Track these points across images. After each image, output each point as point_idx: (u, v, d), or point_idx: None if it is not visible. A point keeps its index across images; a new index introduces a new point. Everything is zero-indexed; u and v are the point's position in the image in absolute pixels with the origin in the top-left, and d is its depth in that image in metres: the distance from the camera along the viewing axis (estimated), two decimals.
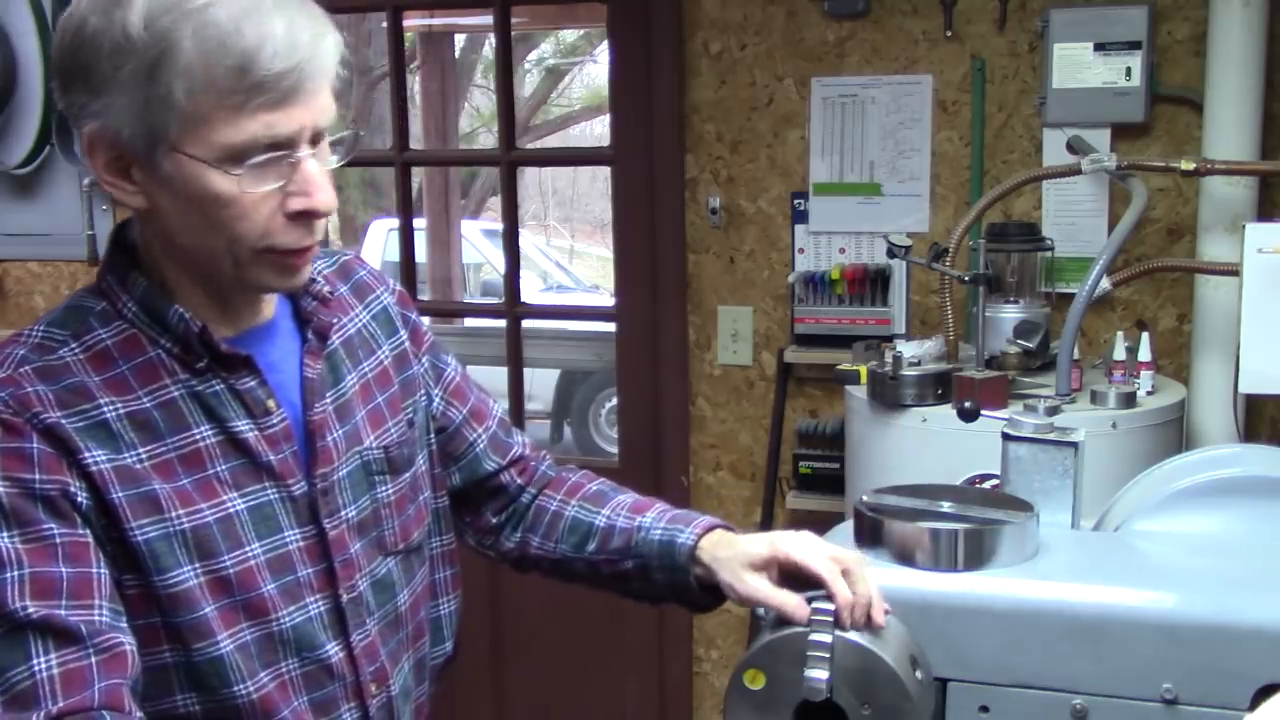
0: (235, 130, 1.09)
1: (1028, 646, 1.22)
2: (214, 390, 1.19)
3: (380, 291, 1.39)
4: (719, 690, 2.96)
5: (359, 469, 1.28)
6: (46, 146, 3.27)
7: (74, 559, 1.09)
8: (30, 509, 1.09)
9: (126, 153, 1.11)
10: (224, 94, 1.07)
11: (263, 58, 1.07)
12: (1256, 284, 2.14)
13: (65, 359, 1.15)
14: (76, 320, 1.19)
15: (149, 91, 1.07)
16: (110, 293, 1.20)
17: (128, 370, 1.17)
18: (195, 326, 1.18)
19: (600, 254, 12.75)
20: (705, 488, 2.98)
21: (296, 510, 1.23)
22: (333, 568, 1.24)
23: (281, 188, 1.12)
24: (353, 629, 1.26)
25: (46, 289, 3.42)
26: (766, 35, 2.79)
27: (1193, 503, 1.39)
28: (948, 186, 2.73)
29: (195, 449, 1.18)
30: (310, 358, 1.26)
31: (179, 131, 1.09)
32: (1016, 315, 2.40)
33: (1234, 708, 1.16)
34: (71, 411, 1.13)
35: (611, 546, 1.40)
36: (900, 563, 1.29)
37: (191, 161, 1.10)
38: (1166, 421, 2.24)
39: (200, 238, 1.14)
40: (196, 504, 1.16)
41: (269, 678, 1.20)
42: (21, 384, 1.12)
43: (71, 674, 1.06)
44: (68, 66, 1.11)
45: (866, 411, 2.34)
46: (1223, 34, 2.39)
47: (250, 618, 1.19)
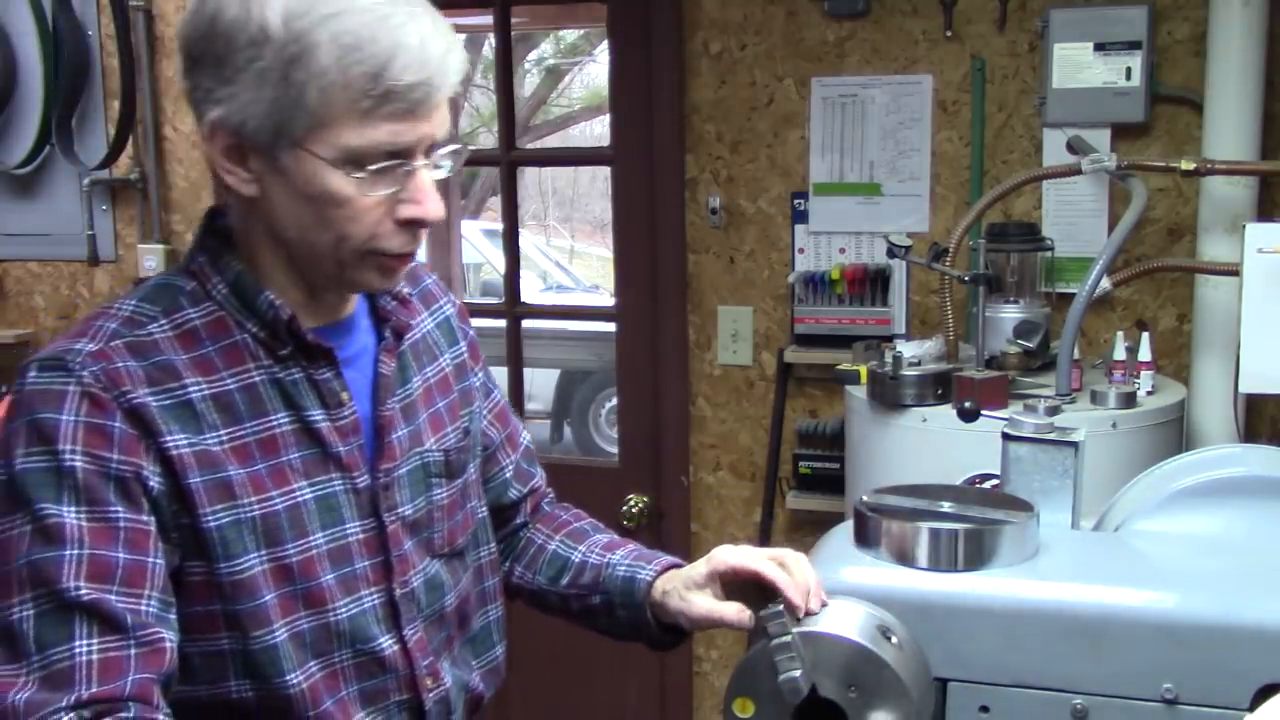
0: (360, 134, 1.11)
1: (1028, 646, 1.22)
2: (293, 378, 1.22)
3: (444, 302, 1.43)
4: (719, 690, 2.96)
5: (419, 469, 1.31)
6: (46, 146, 3.27)
7: (133, 545, 1.11)
8: (101, 488, 1.11)
9: (247, 142, 1.13)
10: (355, 99, 1.10)
11: (395, 67, 1.09)
12: (1256, 284, 2.14)
13: (154, 335, 1.18)
14: (166, 298, 1.21)
15: (281, 89, 1.10)
16: (201, 274, 1.22)
17: (214, 351, 1.19)
18: (284, 314, 1.21)
19: (600, 254, 12.74)
20: (705, 488, 2.98)
21: (359, 503, 1.25)
22: (389, 561, 1.27)
23: (394, 194, 1.15)
24: (405, 623, 1.28)
25: (46, 289, 3.42)
26: (766, 35, 2.79)
27: (1193, 503, 1.39)
28: (948, 186, 2.73)
29: (272, 434, 1.20)
30: (386, 355, 1.30)
31: (306, 130, 1.11)
32: (1016, 315, 2.40)
33: (1234, 708, 1.16)
34: (158, 390, 1.15)
35: (582, 581, 1.45)
36: (900, 563, 1.29)
37: (313, 159, 1.12)
38: (1166, 421, 2.24)
39: (307, 233, 1.17)
40: (268, 491, 1.19)
41: (318, 667, 1.22)
42: (113, 359, 1.14)
43: (109, 662, 1.07)
44: (198, 51, 1.13)
45: (866, 411, 2.34)
46: (1223, 34, 2.39)
47: (308, 607, 1.21)
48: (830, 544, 1.38)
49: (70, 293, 3.39)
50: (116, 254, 3.33)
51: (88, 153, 3.26)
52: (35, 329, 3.43)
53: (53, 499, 1.09)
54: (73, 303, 3.40)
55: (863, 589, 1.26)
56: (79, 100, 3.24)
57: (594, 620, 1.46)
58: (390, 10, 1.10)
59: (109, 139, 3.21)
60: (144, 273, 3.24)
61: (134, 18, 3.16)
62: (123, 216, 3.31)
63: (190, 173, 3.24)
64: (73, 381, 1.12)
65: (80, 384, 1.12)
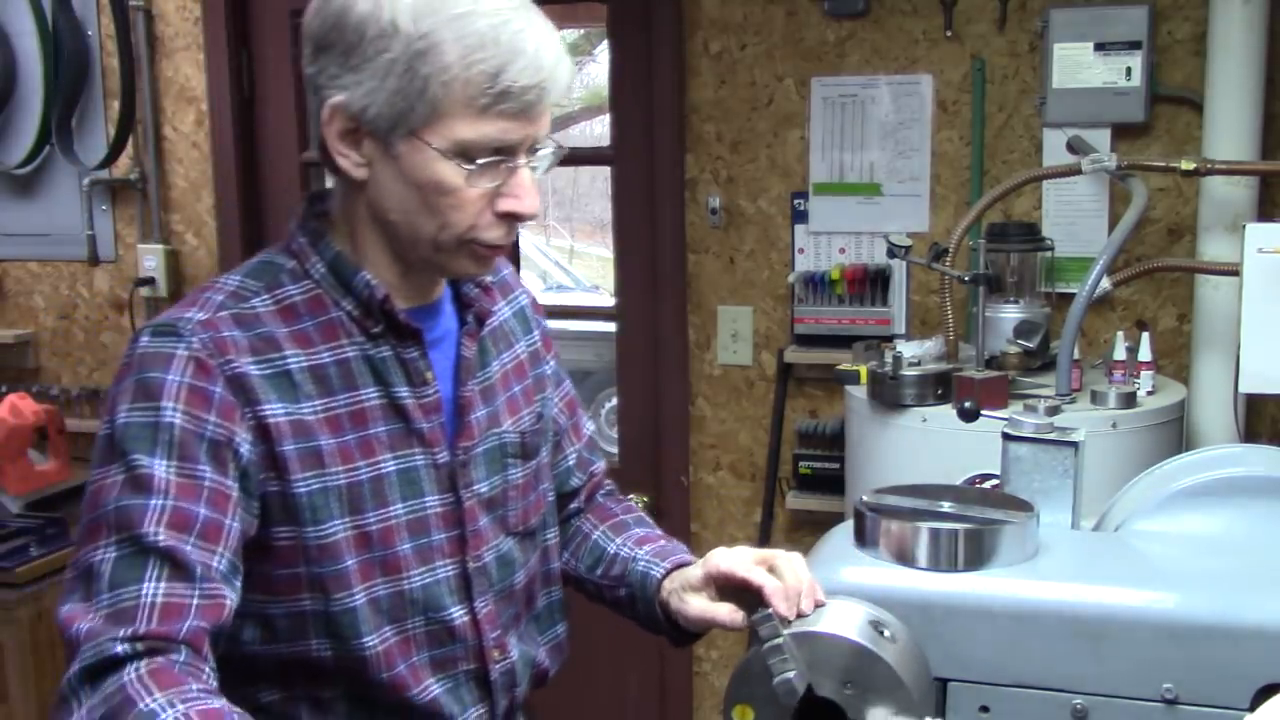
0: (473, 129, 1.19)
1: (1028, 646, 1.22)
2: (383, 356, 1.29)
3: (519, 293, 1.51)
4: (719, 690, 2.96)
5: (495, 449, 1.38)
6: (46, 146, 3.27)
7: (214, 505, 1.17)
8: (195, 447, 1.17)
9: (365, 127, 1.20)
10: (473, 96, 1.17)
11: (514, 69, 1.17)
12: (1256, 284, 2.14)
13: (257, 309, 1.25)
14: (268, 275, 1.29)
15: (405, 80, 1.17)
16: (300, 254, 1.30)
17: (311, 326, 1.27)
18: (379, 294, 1.27)
19: (600, 254, 12.73)
20: (705, 488, 2.98)
21: (438, 478, 1.32)
22: (464, 535, 1.33)
23: (496, 188, 1.22)
24: (476, 595, 1.34)
25: (46, 289, 3.42)
26: (766, 35, 2.79)
27: (1193, 503, 1.39)
28: (948, 186, 2.73)
29: (361, 408, 1.27)
30: (468, 339, 1.36)
31: (424, 120, 1.18)
32: (1016, 315, 2.40)
33: (1234, 708, 1.16)
34: (260, 359, 1.23)
35: (612, 573, 1.50)
36: (900, 563, 1.29)
37: (427, 149, 1.19)
38: (1166, 421, 2.24)
39: (412, 217, 1.24)
40: (354, 461, 1.26)
41: (393, 632, 1.28)
42: (220, 328, 1.22)
43: (171, 606, 1.13)
44: (326, 40, 1.20)
45: (866, 411, 2.34)
46: (1223, 34, 2.39)
47: (384, 574, 1.27)
48: (830, 544, 1.38)
49: (70, 293, 3.39)
50: (116, 254, 3.33)
51: (88, 153, 3.26)
52: (35, 329, 3.43)
53: (147, 451, 1.16)
54: (72, 303, 3.40)
55: (863, 589, 1.26)
56: (79, 100, 3.24)
57: (623, 611, 1.50)
58: (511, 16, 1.18)
59: (109, 139, 3.21)
60: (144, 273, 3.25)
61: (134, 18, 3.17)
62: (122, 216, 3.31)
63: (190, 173, 3.24)
64: (182, 345, 1.19)
65: (189, 349, 1.19)
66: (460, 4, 1.17)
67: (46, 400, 3.23)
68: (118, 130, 3.17)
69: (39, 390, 3.34)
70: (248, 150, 3.21)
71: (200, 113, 3.20)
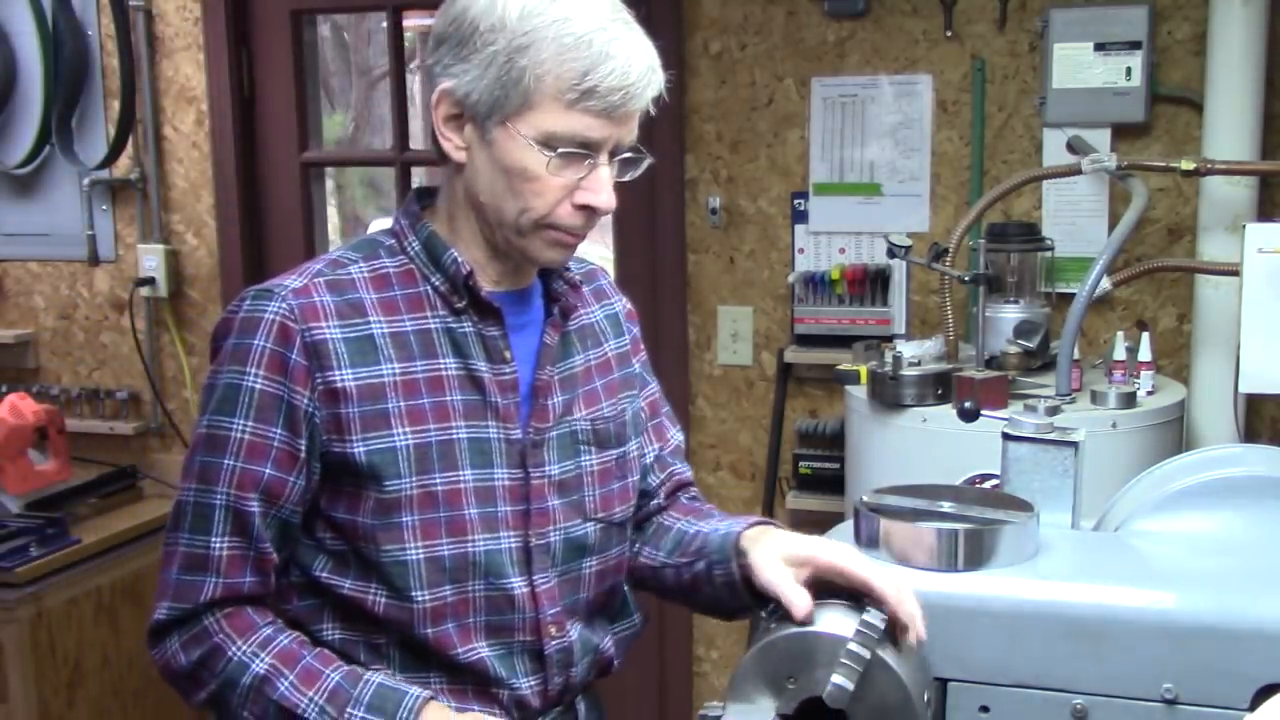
0: (558, 121, 1.29)
1: (1028, 646, 1.22)
2: (464, 331, 1.38)
3: (615, 300, 1.60)
4: (719, 690, 2.96)
5: (568, 435, 1.43)
6: (46, 146, 3.27)
7: (279, 465, 1.31)
8: (271, 409, 1.31)
9: (467, 113, 1.32)
10: (563, 90, 1.28)
11: (602, 71, 1.27)
12: (1256, 284, 2.14)
13: (352, 275, 1.37)
14: (369, 248, 1.41)
15: (505, 70, 1.28)
16: (400, 233, 1.41)
17: (399, 296, 1.37)
18: (464, 270, 1.37)
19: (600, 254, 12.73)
20: (705, 488, 2.97)
21: (509, 453, 1.38)
22: (529, 511, 1.39)
23: (577, 181, 1.32)
24: (536, 570, 1.39)
25: (46, 289, 3.42)
26: (766, 35, 2.79)
27: (1193, 503, 1.39)
28: (948, 186, 2.73)
29: (438, 375, 1.36)
30: (551, 329, 1.44)
31: (517, 109, 1.29)
32: (1016, 315, 2.40)
33: (1234, 708, 1.16)
34: (345, 324, 1.33)
35: (691, 549, 1.49)
36: (900, 563, 1.29)
37: (516, 136, 1.30)
38: (1166, 421, 2.24)
39: (498, 199, 1.34)
40: (425, 424, 1.34)
41: (452, 592, 1.35)
42: (311, 294, 1.33)
43: (234, 559, 1.32)
44: (445, 33, 1.32)
45: (866, 411, 2.34)
46: (1223, 34, 2.39)
47: (449, 535, 1.34)
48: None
49: (70, 293, 3.39)
50: (116, 254, 3.33)
51: (88, 153, 3.26)
52: (35, 329, 3.43)
53: (229, 413, 1.31)
54: (73, 303, 3.40)
55: None
56: (79, 100, 3.24)
57: (699, 590, 1.46)
58: (610, 25, 1.29)
59: (109, 139, 3.21)
60: (144, 273, 3.25)
61: (134, 18, 3.17)
62: (123, 216, 3.31)
63: (190, 173, 3.24)
64: (271, 309, 1.31)
65: (277, 313, 1.31)
66: (564, 10, 1.28)
67: (46, 400, 3.22)
68: (118, 130, 3.17)
69: (39, 390, 3.34)
70: (248, 150, 3.20)
71: (200, 113, 3.20)
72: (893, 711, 1.16)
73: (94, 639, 2.89)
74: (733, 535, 1.41)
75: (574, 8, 1.29)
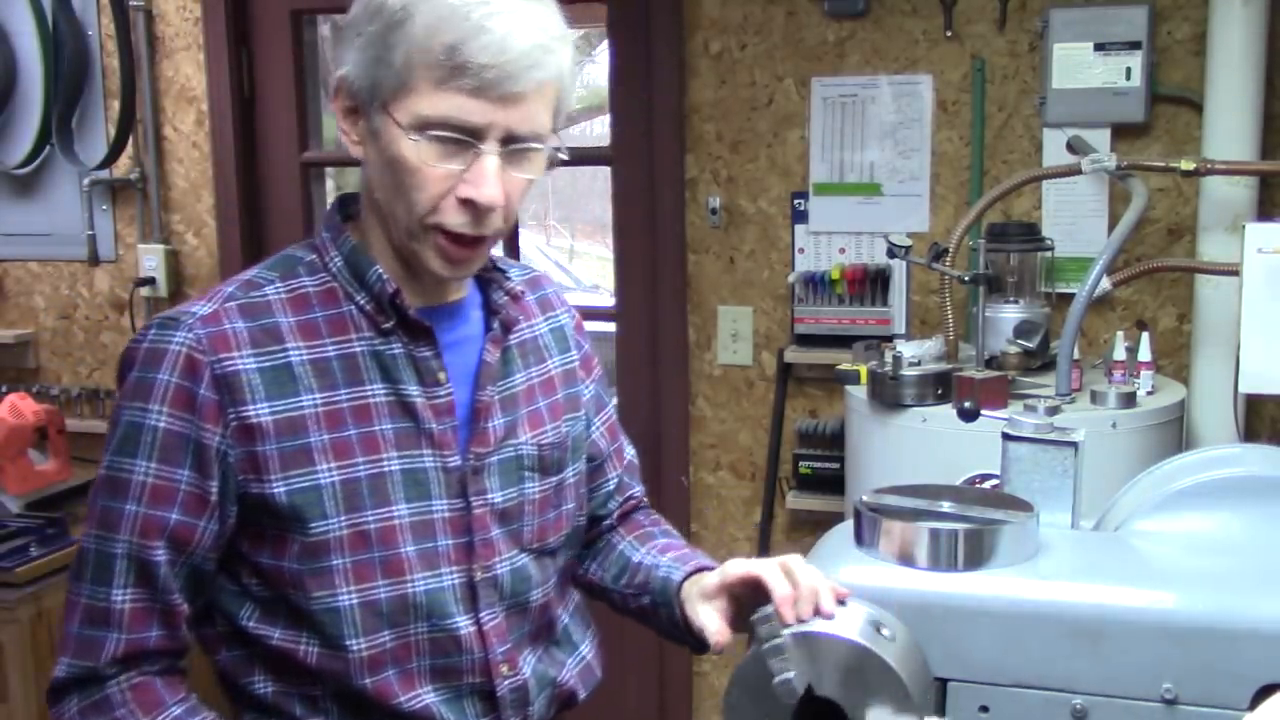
0: (430, 103, 1.18)
1: (1028, 646, 1.22)
2: (393, 353, 1.28)
3: (561, 311, 1.49)
4: (719, 690, 2.96)
5: (512, 460, 1.35)
6: (46, 146, 3.27)
7: (187, 509, 1.21)
8: (177, 449, 1.21)
9: (357, 102, 1.23)
10: (430, 66, 1.17)
11: (473, 45, 1.16)
12: (1256, 284, 2.14)
13: (268, 297, 1.26)
14: (286, 266, 1.30)
15: (381, 49, 1.19)
16: (321, 248, 1.31)
17: (321, 318, 1.27)
18: (390, 287, 1.27)
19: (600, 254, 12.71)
20: (705, 488, 2.98)
21: (448, 482, 1.29)
22: (473, 544, 1.30)
23: (460, 173, 1.20)
24: (483, 607, 1.31)
25: (46, 289, 3.42)
26: (766, 35, 2.79)
27: (1193, 503, 1.39)
28: (948, 186, 2.73)
29: (365, 403, 1.26)
30: (492, 345, 1.34)
31: (391, 93, 1.19)
32: (1016, 315, 2.40)
33: (1234, 708, 1.16)
34: (260, 352, 1.23)
35: (635, 581, 1.46)
36: (900, 563, 1.28)
37: (392, 123, 1.20)
38: (1166, 421, 2.24)
39: (388, 195, 1.24)
40: (353, 458, 1.24)
41: (392, 637, 1.26)
42: (221, 321, 1.23)
43: (138, 612, 1.22)
44: (346, 21, 1.25)
45: (866, 411, 2.34)
46: (1223, 34, 2.39)
47: (385, 576, 1.25)
48: (830, 544, 1.38)
49: (70, 293, 3.39)
50: (116, 254, 3.33)
51: (88, 153, 3.26)
52: (35, 329, 3.43)
53: (131, 454, 1.21)
54: (73, 303, 3.40)
55: (863, 589, 1.26)
56: (79, 100, 3.24)
57: (647, 621, 1.47)
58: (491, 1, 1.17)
59: (109, 139, 3.21)
60: (144, 273, 3.25)
61: (134, 18, 3.17)
62: (123, 216, 3.31)
63: (190, 173, 3.24)
64: (177, 340, 1.21)
65: (183, 344, 1.21)
66: None
67: (46, 400, 3.23)
68: (118, 130, 3.17)
69: (39, 390, 3.35)
70: (248, 150, 3.21)
71: (200, 113, 3.20)
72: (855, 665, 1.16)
73: None
74: (672, 586, 1.40)
75: None
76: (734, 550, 2.94)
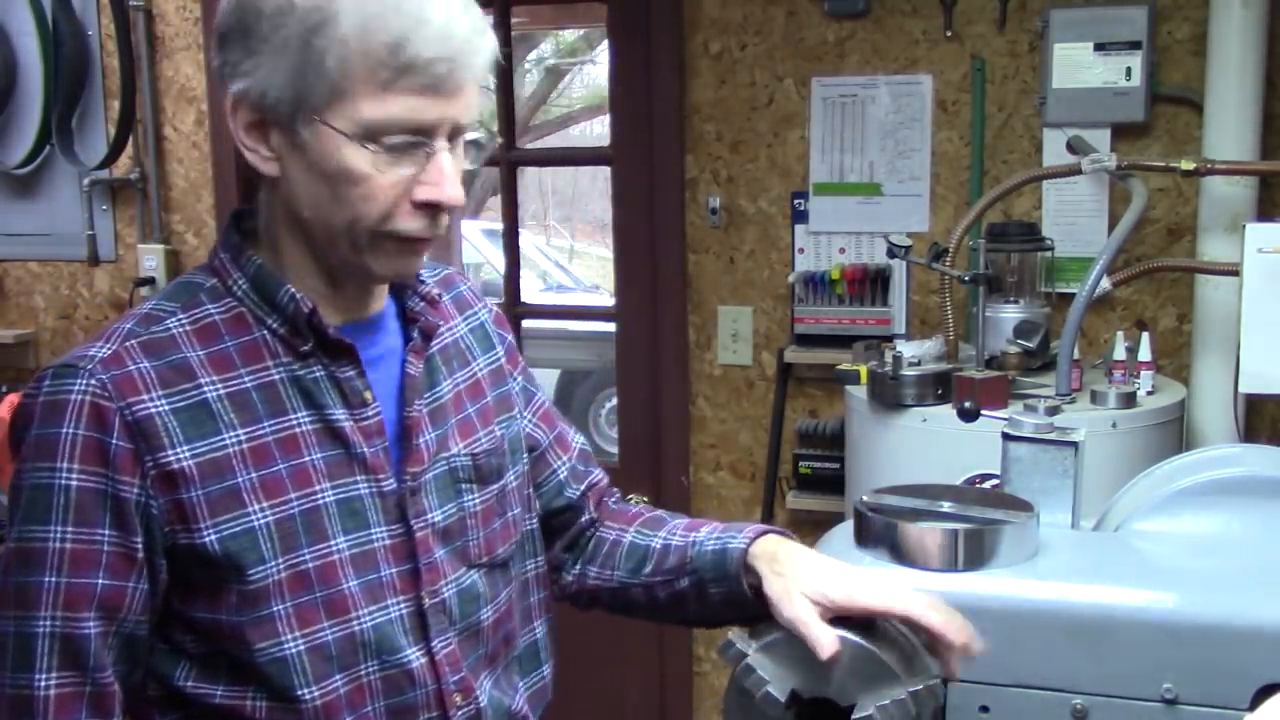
0: (379, 107, 1.08)
1: (1028, 646, 1.22)
2: (314, 376, 1.19)
3: (479, 308, 1.39)
4: (719, 690, 2.96)
5: (446, 474, 1.26)
6: (46, 146, 3.27)
7: (113, 571, 1.11)
8: (94, 508, 1.10)
9: (269, 116, 1.11)
10: (374, 69, 1.07)
11: (417, 40, 1.07)
12: (1256, 284, 2.14)
13: (171, 330, 1.16)
14: (186, 294, 1.19)
15: (302, 56, 1.08)
16: (222, 270, 1.20)
17: (232, 347, 1.17)
18: (305, 307, 1.17)
19: (600, 254, 12.74)
20: (705, 488, 2.98)
21: (385, 508, 1.21)
22: (418, 569, 1.22)
23: (413, 175, 1.12)
24: (434, 635, 1.22)
25: (46, 289, 3.42)
26: (766, 35, 2.79)
27: (1193, 503, 1.39)
28: (948, 186, 2.73)
29: (292, 434, 1.17)
30: (414, 356, 1.26)
31: (325, 100, 1.09)
32: (1016, 315, 2.40)
33: (1234, 708, 1.16)
34: (172, 391, 1.12)
35: (667, 566, 1.36)
36: (900, 563, 1.29)
37: (331, 132, 1.09)
38: (1166, 421, 2.24)
39: (324, 212, 1.13)
40: (285, 494, 1.15)
41: (344, 681, 1.17)
42: (124, 362, 1.12)
43: (65, 698, 1.10)
44: (228, 25, 1.12)
45: (866, 411, 2.34)
46: (1223, 34, 2.39)
47: (330, 616, 1.16)
48: (830, 544, 1.38)
49: (70, 293, 3.40)
50: (116, 254, 3.33)
51: (88, 153, 3.26)
52: (35, 329, 3.43)
53: (42, 520, 1.10)
54: (73, 303, 3.40)
55: None
56: (79, 100, 3.24)
57: (685, 607, 1.36)
58: None
59: (109, 139, 3.21)
60: (144, 273, 3.25)
61: (134, 18, 3.17)
62: (123, 216, 3.31)
63: (190, 173, 3.24)
64: (78, 389, 1.10)
65: (86, 391, 1.10)
66: None
67: None
68: (118, 130, 3.17)
69: None
70: None
71: (200, 113, 3.20)
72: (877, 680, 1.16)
73: None
74: (736, 551, 1.28)
75: None
76: None
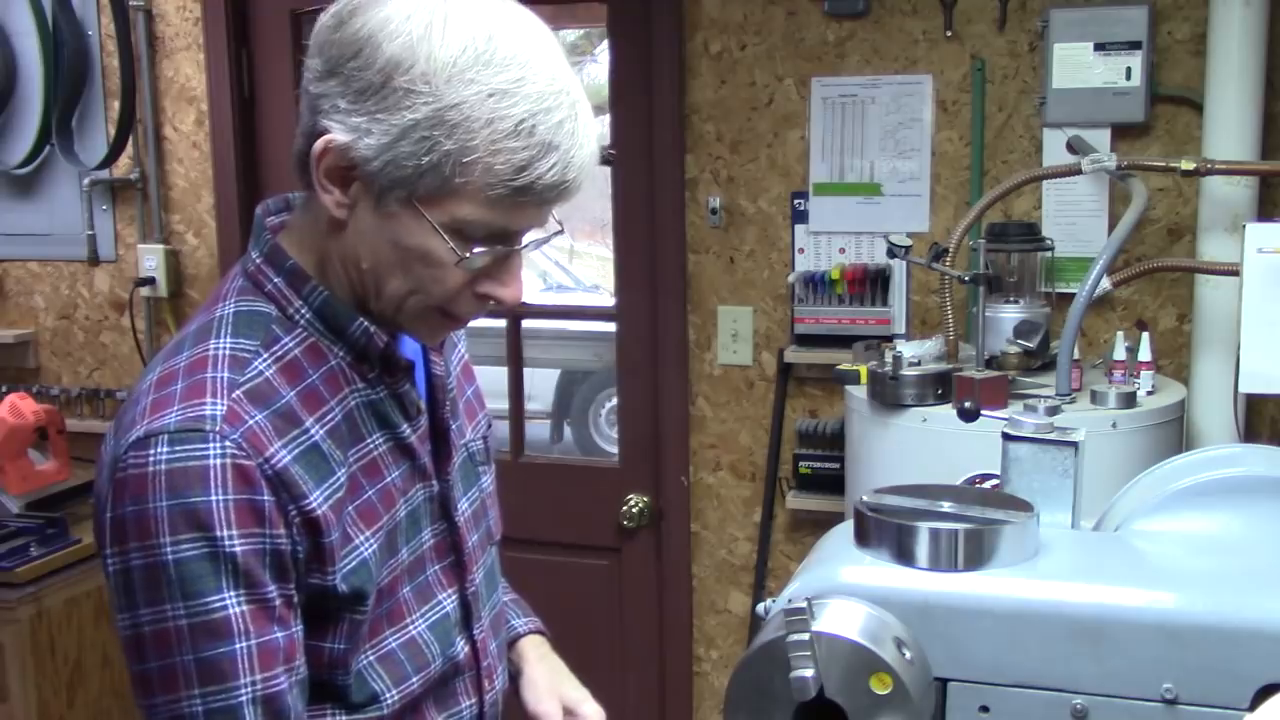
0: (478, 211, 1.07)
1: (1028, 646, 1.22)
2: (380, 397, 1.18)
3: None
4: (719, 690, 2.96)
5: (466, 461, 1.29)
6: (46, 146, 3.27)
7: (283, 621, 1.09)
8: (258, 568, 1.07)
9: (361, 174, 1.07)
10: (491, 184, 1.05)
11: (542, 166, 1.05)
12: (1256, 284, 2.14)
13: (263, 373, 1.11)
14: (259, 329, 1.14)
15: (422, 147, 1.04)
16: (279, 297, 1.16)
17: (317, 381, 1.14)
18: (380, 341, 1.16)
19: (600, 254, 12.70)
20: (705, 488, 2.98)
21: (432, 510, 1.23)
22: (461, 561, 1.25)
23: (484, 269, 1.11)
24: (474, 622, 1.27)
25: (46, 289, 3.42)
26: (766, 35, 2.79)
27: (1193, 503, 1.39)
28: (948, 186, 2.73)
29: (372, 458, 1.17)
30: (435, 355, 1.26)
31: (428, 192, 1.06)
32: (1016, 315, 2.40)
33: (1234, 708, 1.15)
34: (288, 440, 1.09)
35: None
36: (900, 563, 1.28)
37: (419, 217, 1.07)
38: (1166, 421, 2.24)
39: (384, 271, 1.11)
40: (378, 519, 1.15)
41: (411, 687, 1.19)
42: (243, 417, 1.07)
43: None
44: (342, 66, 1.06)
45: (866, 411, 2.34)
46: (1223, 34, 2.39)
47: (391, 625, 1.18)
48: (830, 544, 1.38)
49: (70, 293, 3.40)
50: (116, 254, 3.33)
51: (88, 153, 3.26)
52: (35, 329, 3.43)
53: (214, 590, 1.05)
54: (73, 303, 3.40)
55: (863, 589, 1.26)
56: (79, 100, 3.24)
57: None
58: (554, 105, 1.05)
59: (109, 139, 3.21)
60: (144, 273, 3.25)
61: (134, 18, 3.17)
62: (123, 216, 3.31)
63: (190, 173, 3.24)
64: (214, 452, 1.05)
65: (225, 455, 1.06)
66: (504, 76, 1.04)
67: (46, 400, 3.23)
68: (118, 130, 3.18)
69: (39, 390, 3.35)
70: (248, 150, 3.21)
71: (200, 113, 3.20)
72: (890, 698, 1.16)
73: (94, 639, 2.89)
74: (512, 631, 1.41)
75: (518, 72, 1.04)
76: (735, 550, 2.95)
